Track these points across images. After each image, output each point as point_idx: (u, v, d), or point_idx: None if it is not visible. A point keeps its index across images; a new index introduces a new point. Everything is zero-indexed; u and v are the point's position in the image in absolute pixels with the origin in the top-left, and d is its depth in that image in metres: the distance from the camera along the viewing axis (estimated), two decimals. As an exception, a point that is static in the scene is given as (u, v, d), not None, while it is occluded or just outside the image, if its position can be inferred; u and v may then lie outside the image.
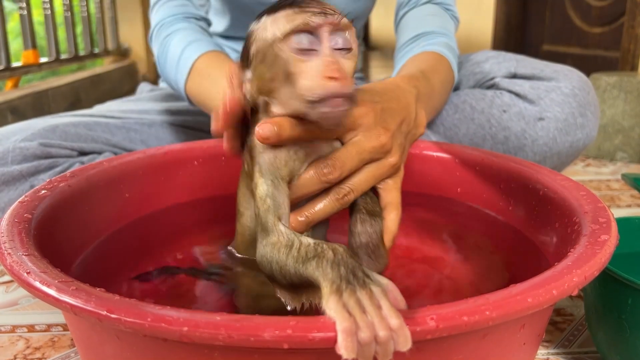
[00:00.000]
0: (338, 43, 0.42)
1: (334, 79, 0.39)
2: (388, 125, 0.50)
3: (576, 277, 0.35)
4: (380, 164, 0.50)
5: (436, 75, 0.69)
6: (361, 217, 0.48)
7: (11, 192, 0.69)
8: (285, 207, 0.44)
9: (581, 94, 0.78)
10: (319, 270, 0.34)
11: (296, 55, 0.41)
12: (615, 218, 0.47)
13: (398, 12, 0.89)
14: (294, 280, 0.38)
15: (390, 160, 0.50)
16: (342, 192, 0.48)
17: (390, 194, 0.51)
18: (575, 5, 2.25)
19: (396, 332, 0.29)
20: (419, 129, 0.56)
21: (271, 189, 0.44)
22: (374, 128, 0.49)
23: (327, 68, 0.40)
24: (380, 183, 0.51)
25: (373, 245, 0.47)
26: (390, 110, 0.51)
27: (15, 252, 0.39)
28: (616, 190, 1.17)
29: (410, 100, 0.55)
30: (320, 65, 0.40)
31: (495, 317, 0.32)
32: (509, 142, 0.78)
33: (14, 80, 1.81)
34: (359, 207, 0.49)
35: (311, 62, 0.40)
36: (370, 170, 0.49)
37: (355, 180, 0.49)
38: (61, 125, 0.76)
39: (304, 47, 0.41)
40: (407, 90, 0.56)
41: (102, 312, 0.32)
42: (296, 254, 0.38)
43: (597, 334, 0.55)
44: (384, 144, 0.49)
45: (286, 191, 0.45)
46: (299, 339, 0.29)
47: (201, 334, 0.30)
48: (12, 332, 0.64)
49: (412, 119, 0.55)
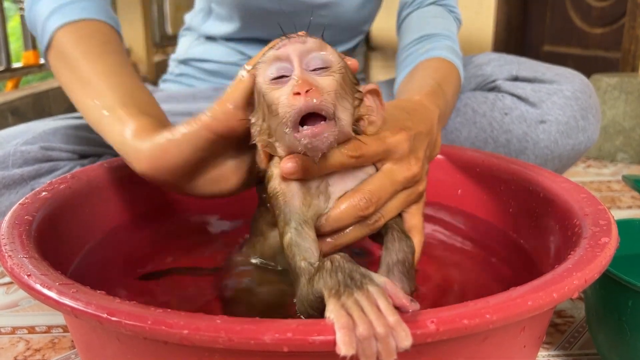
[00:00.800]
0: (313, 64, 0.41)
1: (297, 94, 0.39)
2: (418, 153, 0.50)
3: (576, 280, 0.35)
4: (409, 192, 0.50)
5: (450, 87, 0.69)
6: (398, 235, 0.47)
7: (12, 195, 0.69)
8: (313, 250, 0.42)
9: (583, 97, 0.78)
10: (320, 282, 0.35)
11: (271, 86, 0.41)
12: (615, 220, 0.47)
13: (401, 13, 0.88)
14: (318, 306, 0.36)
15: (419, 188, 0.51)
16: (374, 219, 0.47)
17: (414, 219, 0.51)
18: (576, 5, 2.25)
19: (394, 328, 0.30)
20: (436, 149, 0.57)
21: (295, 237, 0.42)
22: (407, 158, 0.49)
23: (293, 87, 0.39)
24: (406, 208, 0.51)
25: (409, 264, 0.46)
26: (420, 136, 0.51)
27: (15, 255, 0.40)
28: (617, 192, 1.17)
29: (434, 122, 0.55)
30: (289, 87, 0.40)
31: (495, 320, 0.32)
32: (511, 145, 0.78)
33: (14, 81, 1.82)
34: (393, 225, 0.48)
35: (285, 89, 0.41)
36: (400, 198, 0.49)
37: (387, 207, 0.48)
38: (62, 128, 0.76)
39: (275, 76, 0.41)
40: (431, 111, 0.56)
41: (103, 315, 0.32)
42: (310, 280, 0.37)
43: (597, 336, 0.55)
44: (415, 174, 0.49)
45: (312, 236, 0.43)
46: (299, 342, 0.29)
47: (201, 337, 0.30)
48: (12, 333, 0.64)
49: (434, 141, 0.55)
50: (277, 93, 0.41)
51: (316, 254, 0.42)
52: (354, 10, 0.89)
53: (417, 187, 0.50)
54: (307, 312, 0.39)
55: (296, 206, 0.44)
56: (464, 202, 0.67)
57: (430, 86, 0.63)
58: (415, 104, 0.55)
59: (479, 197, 0.65)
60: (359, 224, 0.47)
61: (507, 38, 2.61)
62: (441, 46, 0.76)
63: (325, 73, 0.41)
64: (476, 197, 0.65)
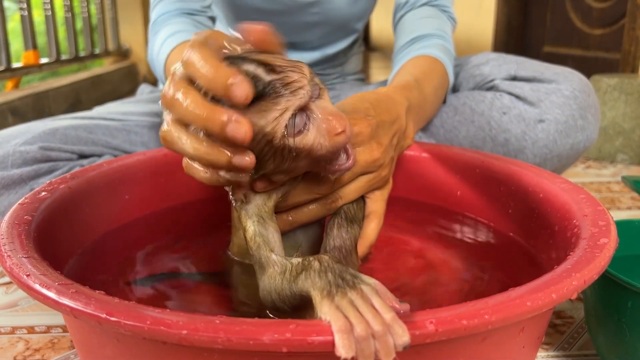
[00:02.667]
0: (314, 93, 0.41)
1: (342, 132, 0.41)
2: (381, 140, 0.52)
3: (575, 281, 0.35)
4: (371, 177, 0.51)
5: (429, 82, 0.70)
6: (339, 221, 0.49)
7: (11, 195, 0.69)
8: (276, 241, 0.44)
9: (582, 96, 0.78)
10: (307, 282, 0.35)
11: (298, 137, 0.40)
12: (615, 221, 0.47)
13: (395, 15, 0.89)
14: (293, 302, 0.38)
15: (382, 173, 0.52)
16: (330, 199, 0.49)
17: (375, 204, 0.52)
18: (576, 6, 2.25)
19: (391, 325, 0.30)
20: (407, 140, 0.58)
21: (258, 228, 0.44)
22: (368, 143, 0.50)
23: (330, 127, 0.41)
24: (369, 193, 0.52)
25: (346, 250, 0.48)
26: (383, 124, 0.52)
27: (15, 254, 0.40)
28: (616, 193, 1.17)
29: (401, 112, 0.57)
30: (322, 128, 0.41)
31: (494, 321, 0.32)
32: (509, 145, 0.78)
33: (14, 81, 1.82)
34: (340, 212, 0.50)
35: (312, 132, 0.41)
36: (361, 182, 0.51)
37: (346, 190, 0.50)
38: (61, 129, 0.76)
39: (302, 126, 0.40)
40: (398, 102, 0.58)
41: (102, 315, 0.32)
42: (288, 275, 0.38)
43: (597, 336, 0.55)
44: (376, 158, 0.50)
45: (274, 226, 0.45)
46: (298, 342, 0.29)
47: (200, 337, 0.30)
48: (11, 333, 0.64)
49: (402, 131, 0.56)
50: (305, 140, 0.40)
51: (280, 244, 0.44)
52: (345, 7, 0.89)
53: (380, 172, 0.51)
54: (273, 304, 0.40)
55: (257, 199, 0.45)
56: (463, 203, 0.67)
57: (404, 81, 0.65)
58: (379, 95, 0.56)
59: (478, 198, 0.65)
60: (317, 202, 0.49)
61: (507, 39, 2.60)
62: (430, 45, 0.77)
63: (322, 97, 0.42)
64: (475, 198, 0.65)
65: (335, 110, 0.41)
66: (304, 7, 0.86)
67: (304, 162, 0.42)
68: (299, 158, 0.41)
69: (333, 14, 0.89)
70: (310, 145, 0.41)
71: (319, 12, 0.88)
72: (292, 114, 0.39)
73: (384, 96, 0.57)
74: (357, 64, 1.06)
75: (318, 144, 0.41)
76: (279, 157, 0.41)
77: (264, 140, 0.40)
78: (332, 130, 0.40)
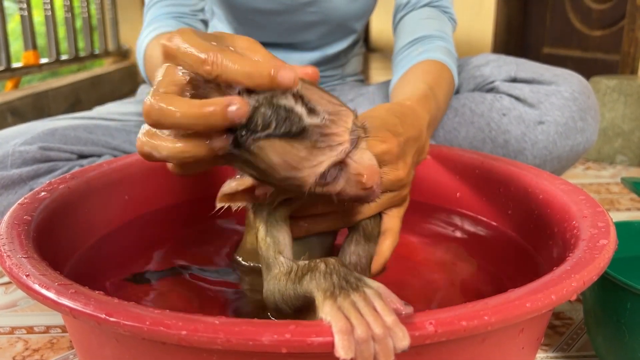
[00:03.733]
0: (352, 141, 0.38)
1: (370, 188, 0.39)
2: (407, 159, 0.51)
3: (575, 282, 0.35)
4: (392, 195, 0.50)
5: (441, 90, 0.70)
6: (357, 238, 0.49)
7: (10, 195, 0.69)
8: (287, 244, 0.44)
9: (581, 98, 0.78)
10: (312, 283, 0.35)
11: (326, 185, 0.38)
12: (614, 222, 0.47)
13: (396, 15, 0.89)
14: (296, 303, 0.38)
15: (403, 193, 0.52)
16: (350, 213, 0.48)
17: (392, 221, 0.52)
18: (576, 8, 2.25)
19: (392, 328, 0.30)
20: (424, 155, 0.58)
21: (270, 229, 0.44)
22: (395, 162, 0.49)
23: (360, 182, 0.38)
24: (387, 210, 0.52)
25: (361, 268, 0.48)
26: (409, 141, 0.52)
27: (14, 255, 0.39)
28: (616, 194, 1.17)
29: (423, 127, 0.56)
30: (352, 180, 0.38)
31: (494, 322, 0.32)
32: (509, 146, 0.78)
33: (14, 81, 1.82)
34: (359, 228, 0.49)
35: (341, 181, 0.38)
36: (382, 199, 0.50)
37: (366, 205, 0.49)
38: (61, 129, 0.76)
39: (332, 178, 0.38)
40: (421, 117, 0.57)
41: (101, 316, 0.32)
42: (293, 276, 0.38)
43: (596, 338, 0.55)
44: (401, 178, 0.50)
45: (286, 230, 0.45)
46: (298, 343, 0.29)
47: (200, 338, 0.30)
48: (10, 333, 0.64)
49: (422, 147, 0.56)
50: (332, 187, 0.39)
51: (290, 248, 0.43)
52: (343, 6, 0.89)
53: (401, 192, 0.51)
54: (276, 305, 0.40)
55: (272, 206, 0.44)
56: (463, 204, 0.67)
57: (421, 90, 0.64)
58: (406, 109, 0.56)
59: (477, 199, 0.65)
60: (335, 214, 0.48)
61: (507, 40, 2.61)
62: (434, 48, 0.76)
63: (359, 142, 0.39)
64: (475, 199, 0.65)
65: (369, 164, 0.39)
66: (302, 6, 0.86)
67: (324, 200, 0.40)
68: (319, 198, 0.40)
69: (331, 13, 0.89)
70: (335, 192, 0.39)
71: (317, 11, 0.88)
72: (328, 167, 0.37)
73: (410, 110, 0.56)
74: (357, 65, 1.06)
75: (344, 192, 0.39)
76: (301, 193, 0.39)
77: (289, 182, 0.37)
78: (361, 185, 0.39)
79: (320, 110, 0.36)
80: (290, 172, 0.36)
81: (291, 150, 0.36)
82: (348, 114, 0.38)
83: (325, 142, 0.36)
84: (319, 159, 0.36)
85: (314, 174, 0.37)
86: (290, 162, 0.36)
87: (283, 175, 0.37)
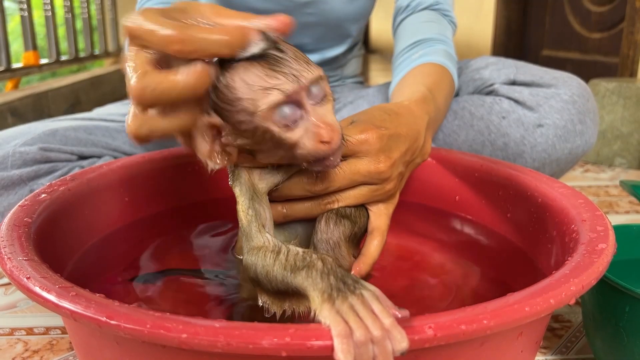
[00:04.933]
0: (316, 96, 0.41)
1: (327, 143, 0.41)
2: (391, 153, 0.51)
3: (573, 286, 0.36)
4: (373, 188, 0.51)
5: (441, 93, 0.70)
6: (328, 214, 0.50)
7: (10, 196, 0.69)
8: (268, 218, 0.45)
9: (580, 101, 0.78)
10: (308, 281, 0.35)
11: (283, 128, 0.41)
12: (613, 225, 0.47)
13: (396, 18, 0.89)
14: (279, 287, 0.39)
15: (386, 187, 0.52)
16: (327, 200, 0.49)
17: (379, 219, 0.52)
18: (575, 10, 2.26)
19: (390, 331, 0.30)
20: (423, 156, 0.58)
21: (251, 202, 0.45)
22: (375, 154, 0.50)
23: (318, 134, 0.41)
24: (372, 206, 0.52)
25: (333, 242, 0.49)
26: (397, 137, 0.52)
27: (15, 257, 0.40)
28: (614, 197, 1.17)
29: (421, 128, 0.56)
30: (310, 131, 0.41)
31: (492, 326, 0.32)
32: (508, 149, 0.79)
33: (14, 81, 1.82)
34: (333, 210, 0.50)
35: (299, 130, 0.41)
36: (362, 190, 0.50)
37: (344, 194, 0.50)
38: (61, 130, 0.77)
39: (289, 119, 0.40)
40: (419, 117, 0.57)
41: (102, 319, 0.32)
42: (284, 261, 0.38)
43: (594, 341, 0.55)
44: (381, 171, 0.50)
45: (267, 203, 0.46)
46: (298, 346, 0.29)
47: (200, 341, 0.30)
48: (10, 334, 0.64)
49: (419, 147, 0.56)
50: (292, 135, 0.41)
51: (271, 223, 0.45)
52: (341, 7, 0.89)
53: (384, 186, 0.51)
54: (256, 277, 0.41)
55: (246, 176, 0.46)
56: (462, 207, 0.67)
57: (420, 92, 0.64)
58: (401, 108, 0.56)
59: (476, 201, 0.65)
60: (313, 200, 0.49)
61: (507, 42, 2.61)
62: (434, 51, 0.76)
63: (324, 102, 0.42)
64: (474, 202, 0.65)
65: (330, 121, 0.41)
66: (299, 7, 0.86)
67: (284, 152, 0.42)
68: (278, 147, 0.42)
69: (328, 15, 0.89)
70: (293, 141, 0.41)
71: (314, 13, 0.88)
72: (282, 100, 0.39)
73: (406, 110, 0.56)
74: (356, 67, 1.06)
75: (302, 144, 0.41)
76: (259, 137, 0.41)
77: (245, 108, 0.40)
78: (318, 137, 0.41)
79: (286, 50, 0.40)
80: (246, 94, 0.39)
81: (249, 68, 0.39)
82: (316, 68, 0.41)
83: (282, 69, 0.39)
84: (273, 82, 0.39)
85: (267, 101, 0.39)
86: (247, 81, 0.39)
87: (241, 99, 0.39)
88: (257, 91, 0.39)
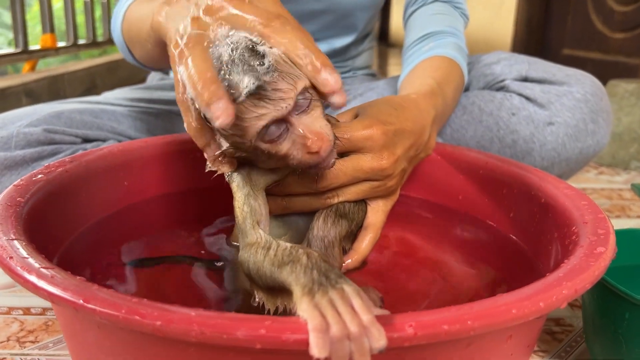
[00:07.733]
0: (301, 105, 0.41)
1: (316, 153, 0.41)
2: (395, 149, 0.50)
3: (566, 290, 0.34)
4: (375, 184, 0.50)
5: (449, 86, 0.69)
6: (327, 212, 0.50)
7: (13, 177, 0.70)
8: (264, 214, 0.46)
9: (593, 99, 0.76)
10: (292, 276, 0.35)
11: (272, 144, 0.42)
12: (620, 229, 0.45)
13: (407, 10, 0.87)
14: (269, 283, 0.38)
15: (388, 183, 0.51)
16: (327, 195, 0.49)
17: (375, 216, 0.51)
18: (598, 9, 2.21)
19: (369, 327, 0.29)
20: (427, 151, 0.57)
21: (247, 198, 0.45)
22: (379, 151, 0.49)
23: (305, 145, 0.41)
24: (372, 202, 0.52)
25: (328, 241, 0.48)
26: (402, 132, 0.51)
27: (1, 236, 0.39)
28: (627, 200, 1.15)
29: (427, 122, 0.55)
30: (298, 143, 0.41)
31: (477, 327, 0.31)
32: (517, 146, 0.77)
33: (31, 63, 1.83)
34: (332, 207, 0.50)
35: (286, 143, 0.42)
36: (363, 186, 0.50)
37: (345, 190, 0.49)
38: (66, 112, 0.76)
39: (276, 136, 0.41)
40: (425, 111, 0.56)
41: (78, 302, 0.31)
42: (273, 256, 0.38)
43: (594, 346, 0.54)
44: (384, 168, 0.49)
45: (263, 200, 0.47)
46: (272, 339, 0.29)
47: (174, 329, 0.29)
48: (7, 313, 0.65)
49: (424, 142, 0.55)
50: (281, 148, 0.42)
51: (267, 219, 0.46)
52: None
53: (386, 182, 0.50)
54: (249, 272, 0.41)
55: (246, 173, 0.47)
56: (465, 204, 0.65)
57: (428, 86, 0.63)
58: (408, 102, 0.55)
59: (480, 198, 0.64)
60: (313, 195, 0.49)
61: (527, 39, 2.57)
62: (444, 44, 0.75)
63: (310, 109, 0.42)
64: (477, 199, 0.64)
65: (317, 130, 0.41)
66: None
67: (276, 162, 0.44)
68: (270, 159, 0.43)
69: (336, 2, 0.87)
70: (282, 153, 0.42)
71: (323, 0, 0.86)
72: (268, 123, 0.40)
73: (412, 103, 0.55)
74: (367, 59, 1.05)
75: (291, 155, 0.42)
76: (252, 152, 0.43)
77: (239, 132, 0.41)
78: (306, 149, 0.41)
79: (278, 67, 0.40)
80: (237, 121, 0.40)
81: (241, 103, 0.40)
82: (300, 80, 0.40)
83: (270, 97, 0.39)
84: (260, 112, 0.40)
85: (255, 126, 0.40)
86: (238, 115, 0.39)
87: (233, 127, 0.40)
88: (247, 120, 0.40)
